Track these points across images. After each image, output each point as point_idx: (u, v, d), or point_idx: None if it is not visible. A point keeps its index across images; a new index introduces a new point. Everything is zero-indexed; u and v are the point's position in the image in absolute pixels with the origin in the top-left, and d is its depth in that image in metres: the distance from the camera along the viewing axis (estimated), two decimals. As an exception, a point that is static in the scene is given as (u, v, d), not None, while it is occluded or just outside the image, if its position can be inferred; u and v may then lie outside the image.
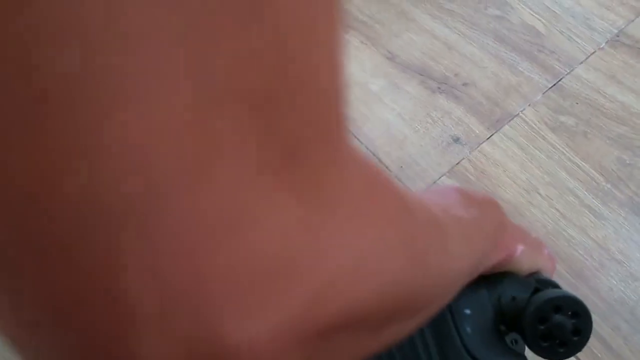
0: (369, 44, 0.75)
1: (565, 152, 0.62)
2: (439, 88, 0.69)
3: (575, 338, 0.27)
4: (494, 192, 0.61)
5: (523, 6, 0.73)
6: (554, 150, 0.62)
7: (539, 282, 0.31)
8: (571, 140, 0.63)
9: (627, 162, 0.60)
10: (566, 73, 0.67)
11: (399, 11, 0.77)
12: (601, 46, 0.68)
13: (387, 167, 0.65)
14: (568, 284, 0.55)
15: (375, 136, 0.67)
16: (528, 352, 0.35)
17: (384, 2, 0.78)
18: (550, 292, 0.28)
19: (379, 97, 0.70)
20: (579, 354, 0.53)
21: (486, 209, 0.27)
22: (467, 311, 0.28)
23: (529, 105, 0.66)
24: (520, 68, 0.69)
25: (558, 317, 0.27)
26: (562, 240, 0.57)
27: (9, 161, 0.08)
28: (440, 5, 0.76)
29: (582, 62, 0.68)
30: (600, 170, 0.60)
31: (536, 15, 0.72)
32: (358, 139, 0.67)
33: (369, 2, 0.78)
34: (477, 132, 0.65)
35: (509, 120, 0.65)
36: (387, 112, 0.69)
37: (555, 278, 0.55)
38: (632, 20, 0.69)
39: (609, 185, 0.59)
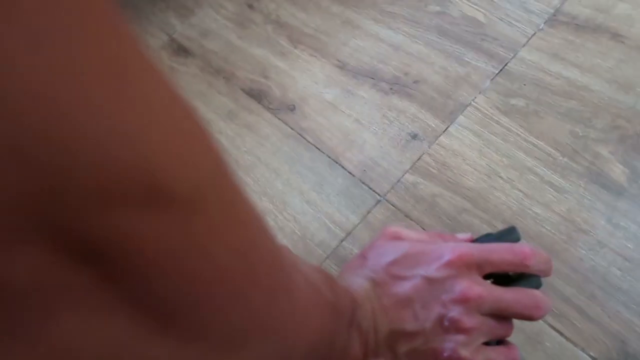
0: (318, 55, 0.76)
1: (520, 133, 0.63)
2: (391, 89, 0.71)
3: None
4: (457, 182, 0.62)
5: (461, -1, 0.75)
6: (509, 132, 0.64)
7: None
8: (524, 121, 0.64)
9: (580, 134, 0.62)
10: (511, 57, 0.69)
11: (343, 20, 0.78)
12: (540, 27, 0.70)
13: (350, 173, 0.66)
14: (540, 261, 0.55)
15: (335, 144, 0.68)
16: None
17: (327, 13, 0.79)
18: None
19: (334, 105, 0.71)
20: (560, 328, 0.54)
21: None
22: None
23: (480, 93, 0.67)
24: (466, 59, 0.70)
25: None
26: (528, 219, 0.58)
27: None
28: (382, 9, 0.77)
29: (524, 45, 0.69)
30: (555, 146, 0.62)
31: (475, 6, 0.74)
32: (319, 149, 0.68)
33: (313, 15, 0.80)
34: (434, 126, 0.67)
35: (463, 111, 0.67)
36: (344, 119, 0.70)
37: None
38: (566, -1, 0.72)
39: (565, 159, 0.61)
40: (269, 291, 0.18)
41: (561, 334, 0.52)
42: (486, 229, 0.59)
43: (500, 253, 0.32)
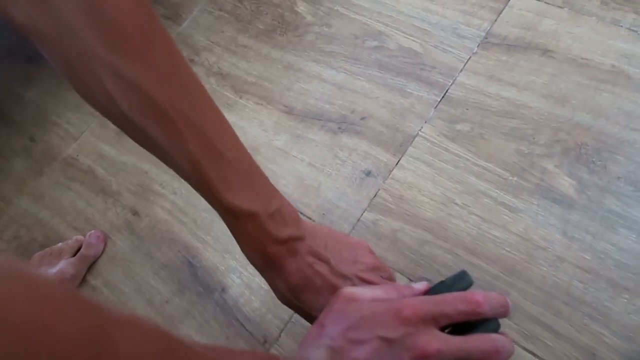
0: (264, 103, 0.76)
1: (469, 157, 0.65)
2: (339, 128, 0.71)
3: None
4: (415, 214, 0.62)
5: (396, 31, 0.77)
6: (458, 158, 0.65)
7: None
8: (471, 145, 0.65)
9: (525, 152, 0.63)
10: (450, 84, 0.71)
11: (284, 65, 0.79)
12: (474, 51, 0.72)
13: (309, 218, 0.65)
14: (504, 283, 0.56)
15: (291, 190, 0.68)
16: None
17: (268, 60, 0.80)
18: None
19: (285, 151, 0.71)
20: (534, 349, 0.54)
21: None
22: None
23: (425, 122, 0.69)
24: (408, 90, 0.72)
25: None
26: (488, 243, 0.59)
27: None
28: (321, 49, 0.79)
29: (461, 70, 0.71)
30: (504, 166, 0.63)
31: (410, 37, 0.76)
32: (276, 198, 0.68)
33: (253, 63, 0.80)
34: (385, 160, 0.67)
35: (411, 142, 0.68)
36: (297, 164, 0.70)
37: (492, 280, 0.57)
38: (495, 21, 0.74)
39: (515, 178, 0.62)
40: None
41: (535, 355, 0.52)
42: (450, 259, 0.59)
43: (454, 304, 0.32)
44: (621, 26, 0.69)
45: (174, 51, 0.34)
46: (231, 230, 0.39)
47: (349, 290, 0.35)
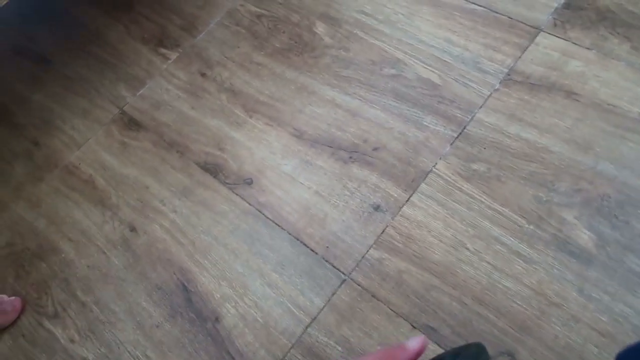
0: (274, 124, 0.74)
1: (483, 200, 0.62)
2: (350, 158, 0.69)
3: None
4: (423, 256, 0.59)
5: (415, 61, 0.74)
6: (472, 200, 0.62)
7: None
8: (487, 187, 0.62)
9: (544, 199, 0.60)
10: (468, 120, 0.68)
11: (297, 86, 0.76)
12: (496, 87, 0.70)
13: (313, 250, 0.62)
14: (513, 339, 0.53)
15: (296, 219, 0.65)
16: None
17: (281, 79, 0.77)
18: None
19: (292, 177, 0.69)
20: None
21: None
22: None
23: (440, 158, 0.66)
24: (424, 123, 0.69)
25: None
26: (499, 294, 0.56)
27: None
28: (337, 73, 0.76)
29: (481, 107, 0.69)
30: (520, 213, 0.60)
31: (429, 68, 0.73)
32: (279, 225, 0.65)
33: (266, 82, 0.78)
34: (396, 195, 0.64)
35: (424, 178, 0.65)
36: (304, 192, 0.67)
37: (500, 334, 0.54)
38: (519, 57, 0.71)
39: (531, 227, 0.59)
40: None
41: (542, 422, 0.49)
42: (456, 308, 0.56)
43: None
44: (652, 73, 0.66)
45: None
46: None
47: None
